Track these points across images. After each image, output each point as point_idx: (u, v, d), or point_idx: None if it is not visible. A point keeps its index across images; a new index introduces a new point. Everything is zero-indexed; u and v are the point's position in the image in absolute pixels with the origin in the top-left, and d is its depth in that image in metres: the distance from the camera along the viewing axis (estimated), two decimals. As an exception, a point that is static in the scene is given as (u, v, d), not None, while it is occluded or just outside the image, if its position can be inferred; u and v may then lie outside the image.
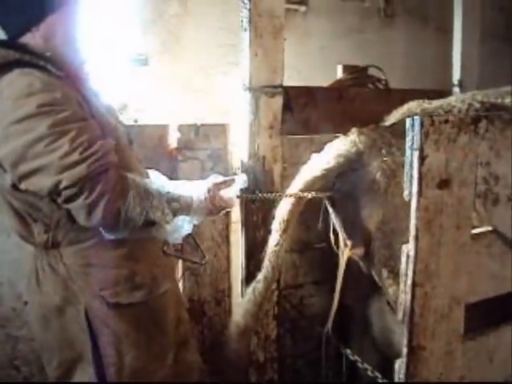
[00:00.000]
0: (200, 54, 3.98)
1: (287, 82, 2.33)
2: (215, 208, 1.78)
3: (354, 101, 2.91)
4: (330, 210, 2.16)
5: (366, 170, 2.00)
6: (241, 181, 1.96)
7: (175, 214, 1.67)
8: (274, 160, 2.26)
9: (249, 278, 2.22)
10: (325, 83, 3.13)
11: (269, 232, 2.15)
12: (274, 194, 2.10)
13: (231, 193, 1.88)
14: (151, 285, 1.72)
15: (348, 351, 2.14)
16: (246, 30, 2.18)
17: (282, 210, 2.09)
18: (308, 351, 2.52)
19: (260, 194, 2.12)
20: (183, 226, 1.79)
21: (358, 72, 3.12)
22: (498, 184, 1.68)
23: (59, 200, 1.51)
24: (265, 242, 2.16)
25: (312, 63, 4.51)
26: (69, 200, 1.49)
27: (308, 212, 2.15)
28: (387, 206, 1.96)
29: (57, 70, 1.55)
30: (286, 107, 2.31)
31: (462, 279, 1.61)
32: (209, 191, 1.75)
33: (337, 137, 2.15)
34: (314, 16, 4.59)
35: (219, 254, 2.54)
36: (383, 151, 1.97)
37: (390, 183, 1.94)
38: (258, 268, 2.15)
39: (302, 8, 4.52)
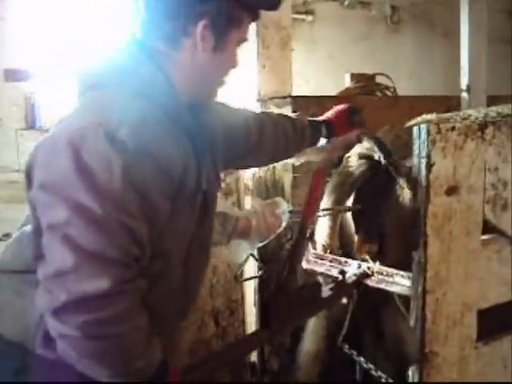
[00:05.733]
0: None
1: (296, 91, 2.35)
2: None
3: (363, 109, 2.91)
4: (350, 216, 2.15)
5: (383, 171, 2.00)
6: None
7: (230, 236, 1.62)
8: (284, 169, 2.28)
9: (261, 287, 2.23)
10: (333, 91, 3.14)
11: (280, 240, 2.15)
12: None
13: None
14: None
15: (361, 359, 2.14)
16: (253, 42, 2.20)
17: (323, 229, 2.06)
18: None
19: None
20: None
21: (366, 80, 3.12)
22: (506, 189, 1.69)
23: None
24: (277, 250, 2.16)
25: (320, 72, 4.52)
26: None
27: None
28: (403, 205, 1.96)
29: None
30: (295, 117, 2.31)
31: (473, 285, 1.62)
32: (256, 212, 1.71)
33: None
34: (320, 25, 4.61)
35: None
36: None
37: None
38: (271, 277, 2.15)
39: (309, 17, 4.55)
